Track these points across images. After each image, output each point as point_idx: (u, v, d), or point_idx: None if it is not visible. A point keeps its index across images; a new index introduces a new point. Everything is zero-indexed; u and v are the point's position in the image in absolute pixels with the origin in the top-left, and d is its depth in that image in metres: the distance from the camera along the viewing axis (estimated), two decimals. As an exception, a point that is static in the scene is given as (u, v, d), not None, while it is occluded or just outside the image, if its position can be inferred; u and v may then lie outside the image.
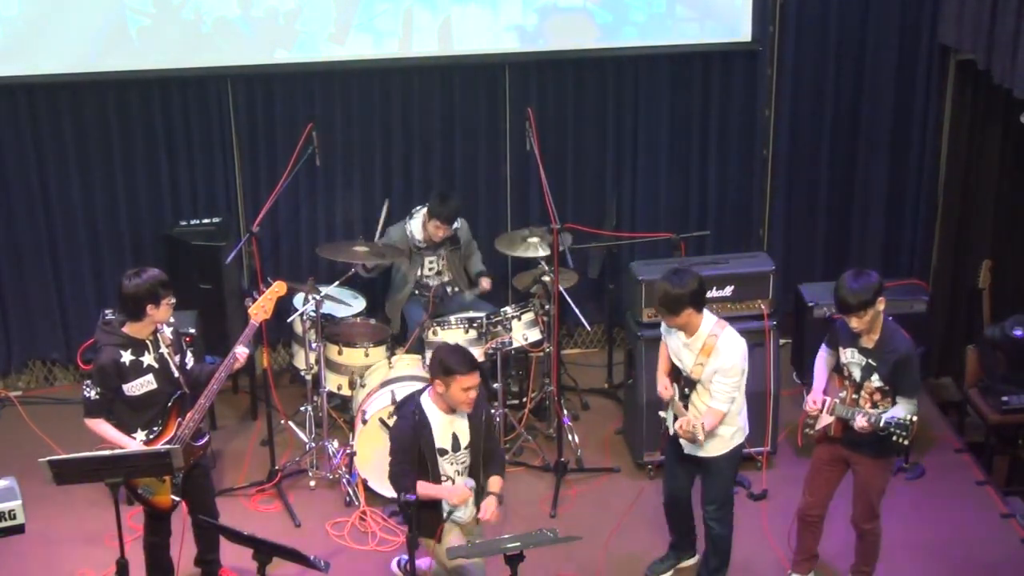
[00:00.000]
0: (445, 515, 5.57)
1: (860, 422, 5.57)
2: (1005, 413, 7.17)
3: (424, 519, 5.50)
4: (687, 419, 5.73)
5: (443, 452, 5.56)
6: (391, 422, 6.00)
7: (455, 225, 7.64)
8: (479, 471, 5.69)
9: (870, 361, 5.63)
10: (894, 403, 5.63)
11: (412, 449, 5.48)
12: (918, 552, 6.52)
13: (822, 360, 5.95)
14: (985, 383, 7.37)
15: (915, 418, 5.51)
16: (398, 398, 6.34)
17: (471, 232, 7.94)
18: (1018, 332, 7.12)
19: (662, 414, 6.02)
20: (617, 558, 6.47)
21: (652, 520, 6.59)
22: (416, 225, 7.62)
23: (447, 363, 5.43)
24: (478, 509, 5.67)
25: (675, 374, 5.89)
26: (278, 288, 6.08)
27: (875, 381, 5.63)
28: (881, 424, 5.51)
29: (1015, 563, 6.45)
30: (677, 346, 5.81)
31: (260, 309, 6.00)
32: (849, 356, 5.73)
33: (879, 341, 5.61)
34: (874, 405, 5.65)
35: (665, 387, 5.93)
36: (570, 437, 7.36)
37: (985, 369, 7.39)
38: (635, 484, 7.11)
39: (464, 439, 5.61)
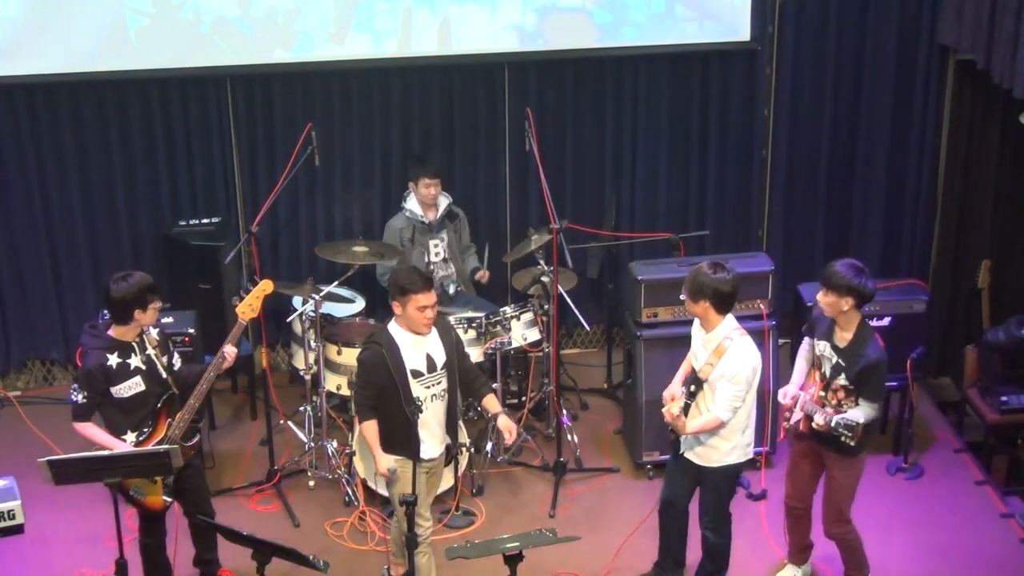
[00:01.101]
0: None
1: (818, 419, 5.65)
2: (1004, 413, 7.18)
3: (399, 440, 5.56)
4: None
5: (417, 374, 5.62)
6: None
7: (448, 200, 7.63)
8: (455, 392, 5.80)
9: (840, 361, 5.69)
10: (857, 403, 5.69)
11: (379, 374, 5.52)
12: (918, 552, 6.51)
13: (802, 351, 6.02)
14: (984, 383, 7.37)
15: (864, 421, 5.54)
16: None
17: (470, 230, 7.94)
18: None
19: None
20: (617, 559, 6.47)
21: (655, 522, 6.57)
22: (413, 203, 7.60)
23: (402, 283, 5.54)
24: (446, 459, 5.91)
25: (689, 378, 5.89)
26: (265, 286, 6.08)
27: (841, 379, 5.70)
28: (832, 423, 5.57)
29: (1015, 563, 6.44)
30: (697, 343, 5.82)
31: (248, 308, 5.99)
32: (822, 349, 5.80)
33: (852, 343, 5.67)
34: (839, 403, 5.72)
35: (672, 395, 5.87)
36: (569, 437, 7.36)
37: (984, 370, 7.39)
38: (635, 484, 7.11)
39: (440, 359, 5.69)
